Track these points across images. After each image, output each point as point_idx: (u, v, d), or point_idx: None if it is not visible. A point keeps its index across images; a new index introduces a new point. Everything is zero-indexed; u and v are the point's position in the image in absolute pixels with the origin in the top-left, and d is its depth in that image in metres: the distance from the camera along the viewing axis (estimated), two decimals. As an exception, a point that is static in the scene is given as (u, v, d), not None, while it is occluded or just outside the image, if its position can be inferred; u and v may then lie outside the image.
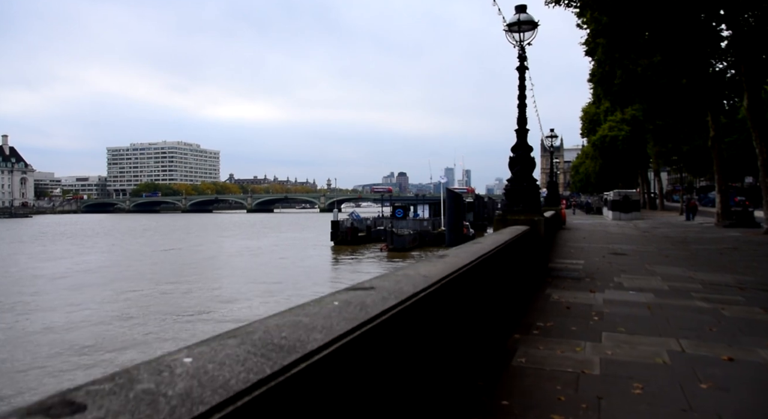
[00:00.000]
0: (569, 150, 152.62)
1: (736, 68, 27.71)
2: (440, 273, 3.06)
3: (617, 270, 10.25)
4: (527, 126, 9.75)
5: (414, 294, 2.30)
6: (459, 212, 40.69)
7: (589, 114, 65.21)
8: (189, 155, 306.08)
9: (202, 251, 43.81)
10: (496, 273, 5.17)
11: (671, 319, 5.82)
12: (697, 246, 16.79)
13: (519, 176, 9.48)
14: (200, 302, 21.28)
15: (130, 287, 25.12)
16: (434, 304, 2.67)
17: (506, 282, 5.76)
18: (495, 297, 5.03)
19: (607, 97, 35.13)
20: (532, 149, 9.71)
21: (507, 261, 5.89)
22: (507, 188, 9.60)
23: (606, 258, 12.54)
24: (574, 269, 10.33)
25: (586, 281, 8.86)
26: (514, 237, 6.69)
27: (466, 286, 3.73)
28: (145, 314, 19.00)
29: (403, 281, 2.51)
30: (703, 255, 13.82)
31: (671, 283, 8.68)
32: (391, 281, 2.47)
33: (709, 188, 73.90)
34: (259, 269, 31.63)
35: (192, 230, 78.16)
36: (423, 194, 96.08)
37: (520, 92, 9.71)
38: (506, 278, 5.76)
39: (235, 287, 24.73)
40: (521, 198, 9.39)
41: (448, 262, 3.64)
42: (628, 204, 38.84)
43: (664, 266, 11.02)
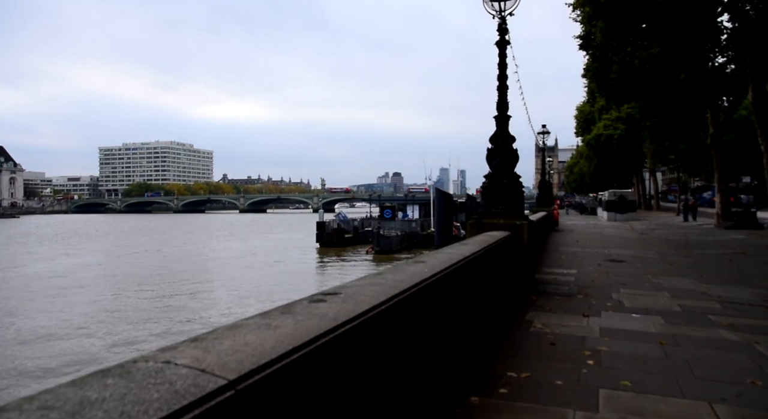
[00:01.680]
0: (564, 150, 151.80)
1: (739, 62, 26.30)
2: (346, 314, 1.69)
3: (616, 283, 8.68)
4: (509, 112, 8.17)
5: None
6: (449, 213, 39.02)
7: (583, 113, 64.00)
8: (182, 155, 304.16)
9: (182, 253, 42.09)
10: (451, 301, 3.61)
11: (694, 363, 4.23)
12: (701, 251, 15.27)
13: (498, 172, 7.90)
14: (156, 309, 19.73)
15: (96, 293, 23.63)
16: (343, 354, 1.65)
17: (468, 311, 4.19)
18: (448, 336, 3.48)
19: (602, 93, 33.71)
20: (514, 140, 8.13)
21: (471, 281, 4.32)
22: (484, 186, 8.02)
23: (602, 267, 10.98)
24: (564, 281, 8.75)
25: (579, 299, 7.28)
26: (486, 248, 5.12)
27: (398, 327, 2.33)
28: (92, 322, 17.40)
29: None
30: (711, 262, 12.28)
31: (682, 301, 7.12)
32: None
33: (704, 188, 72.80)
34: (236, 273, 29.97)
35: (178, 231, 76.33)
36: (413, 194, 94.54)
37: (500, 71, 8.12)
38: (468, 305, 4.19)
39: (204, 294, 23.10)
40: (501, 198, 7.82)
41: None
42: (624, 205, 37.40)
43: (669, 277, 9.45)
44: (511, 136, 8.13)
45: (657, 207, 54.78)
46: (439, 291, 3.19)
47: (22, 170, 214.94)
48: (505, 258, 6.55)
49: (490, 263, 5.31)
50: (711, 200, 56.38)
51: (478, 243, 5.22)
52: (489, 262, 5.26)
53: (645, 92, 29.91)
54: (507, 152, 7.97)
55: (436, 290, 3.08)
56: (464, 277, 3.95)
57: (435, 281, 3.07)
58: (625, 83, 29.05)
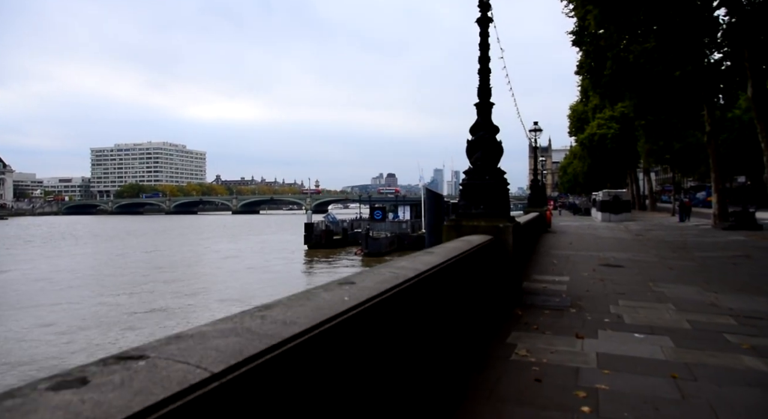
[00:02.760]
0: (557, 151, 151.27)
1: (736, 57, 25.45)
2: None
3: (613, 293, 7.70)
4: (492, 99, 7.17)
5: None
6: (439, 214, 38.05)
7: (577, 112, 63.24)
8: (175, 155, 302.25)
9: (166, 256, 40.90)
10: (393, 335, 2.62)
11: (721, 410, 3.24)
12: (701, 253, 14.34)
13: (479, 167, 6.90)
14: (129, 314, 18.67)
15: (69, 297, 22.55)
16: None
17: (424, 343, 3.20)
18: (393, 379, 2.50)
19: (596, 91, 32.78)
20: (497, 130, 7.14)
21: (427, 303, 3.33)
22: (463, 184, 7.02)
23: (597, 273, 10.01)
24: (555, 291, 7.77)
25: (571, 313, 6.29)
26: (455, 258, 4.13)
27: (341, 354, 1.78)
28: (52, 327, 16.32)
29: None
30: (714, 267, 11.33)
31: (691, 315, 6.14)
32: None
33: (698, 188, 72.26)
34: (219, 276, 28.89)
35: (168, 233, 75.00)
36: (404, 195, 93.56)
37: (481, 52, 7.12)
38: (423, 335, 3.20)
39: (181, 299, 22.00)
40: (482, 197, 6.82)
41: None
42: (619, 205, 36.56)
43: (672, 285, 8.48)
44: (494, 126, 7.14)
45: (652, 208, 54.05)
46: (371, 325, 2.20)
47: (11, 171, 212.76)
48: (484, 267, 5.56)
49: (461, 276, 4.32)
50: (705, 201, 55.81)
51: (446, 252, 4.22)
52: (460, 274, 4.27)
53: (640, 89, 29.05)
54: (489, 144, 6.97)
55: (362, 325, 2.08)
56: (416, 299, 2.96)
57: (360, 314, 2.07)
58: (620, 79, 28.17)
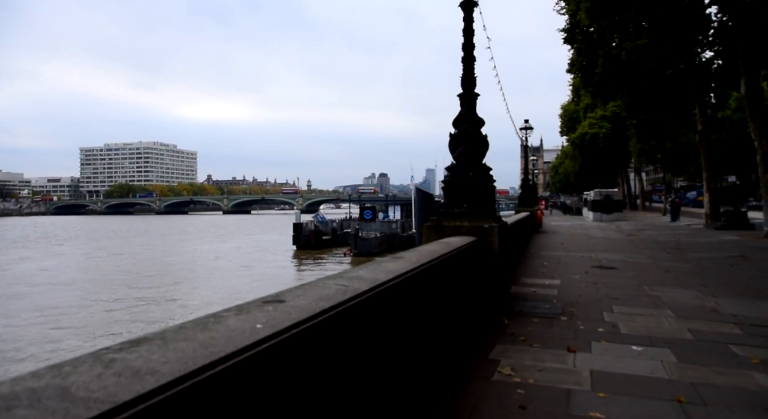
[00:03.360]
0: (549, 151, 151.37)
1: (728, 56, 25.16)
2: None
3: (607, 297, 7.19)
4: (476, 89, 6.64)
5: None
6: (429, 213, 37.58)
7: (568, 111, 63.07)
8: (165, 155, 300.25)
9: (148, 257, 40.12)
10: (360, 351, 2.09)
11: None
12: (696, 254, 13.91)
13: (463, 162, 6.37)
14: (99, 318, 18.01)
15: (35, 301, 21.82)
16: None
17: (395, 361, 2.67)
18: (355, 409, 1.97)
19: (587, 89, 32.36)
20: (483, 123, 6.61)
21: (401, 313, 2.81)
22: (445, 181, 6.49)
23: (590, 275, 9.51)
24: (545, 296, 7.25)
25: (562, 321, 5.77)
26: (428, 263, 3.59)
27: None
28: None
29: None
30: (711, 268, 10.88)
31: (692, 323, 5.63)
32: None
33: (688, 187, 72.34)
34: (201, 279, 28.23)
35: (155, 233, 74.04)
36: (394, 195, 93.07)
37: (465, 39, 6.58)
38: (395, 352, 2.67)
39: (158, 303, 21.35)
40: (466, 195, 6.28)
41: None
42: (610, 205, 36.21)
43: (669, 289, 8.00)
44: (479, 118, 6.60)
45: (643, 207, 53.88)
46: (292, 361, 1.66)
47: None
48: (466, 272, 5.03)
49: (436, 284, 3.78)
50: (695, 200, 55.76)
51: (418, 257, 3.68)
52: (434, 282, 3.73)
53: (632, 87, 28.71)
54: (474, 137, 6.44)
55: (276, 364, 1.54)
56: (370, 318, 2.42)
57: (275, 349, 1.52)
58: (612, 77, 27.79)
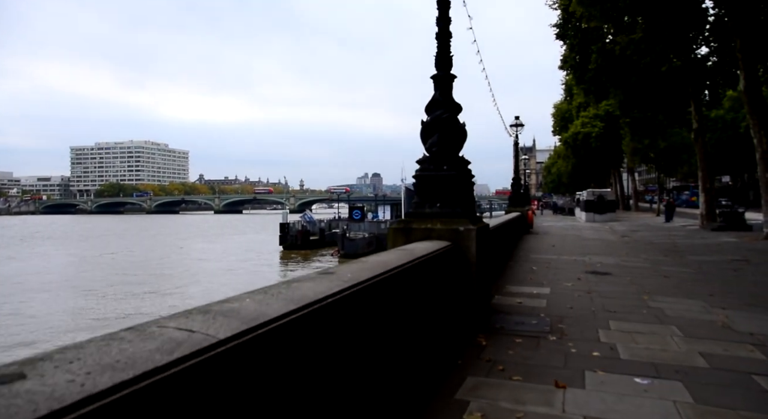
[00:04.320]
0: (542, 151, 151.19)
1: (723, 52, 24.47)
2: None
3: (602, 310, 6.30)
4: (453, 70, 5.73)
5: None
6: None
7: (561, 111, 62.49)
8: (157, 154, 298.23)
9: (133, 258, 39.00)
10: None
11: None
12: (695, 257, 13.08)
13: (436, 154, 5.45)
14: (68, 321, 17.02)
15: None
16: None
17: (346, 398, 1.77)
18: None
19: (580, 86, 31.63)
20: (460, 109, 5.71)
21: (324, 350, 1.91)
22: (416, 176, 5.57)
23: (583, 282, 8.63)
24: (532, 308, 6.35)
25: (550, 342, 4.86)
26: (373, 280, 2.69)
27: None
28: None
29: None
30: (713, 274, 10.03)
31: (704, 345, 4.74)
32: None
33: (682, 188, 71.89)
34: (183, 280, 27.20)
35: (144, 233, 72.79)
36: (384, 194, 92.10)
37: (440, 12, 5.65)
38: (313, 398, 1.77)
39: (136, 308, 20.35)
40: (439, 192, 5.38)
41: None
42: (603, 205, 35.46)
43: (671, 299, 7.12)
44: (455, 104, 5.69)
45: (636, 207, 53.27)
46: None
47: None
48: (432, 285, 4.11)
49: (383, 305, 2.87)
50: (689, 201, 55.23)
51: (359, 271, 2.77)
52: (381, 303, 2.83)
53: (625, 84, 27.95)
54: (449, 125, 5.52)
55: None
56: (251, 369, 1.51)
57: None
58: (605, 74, 27.04)
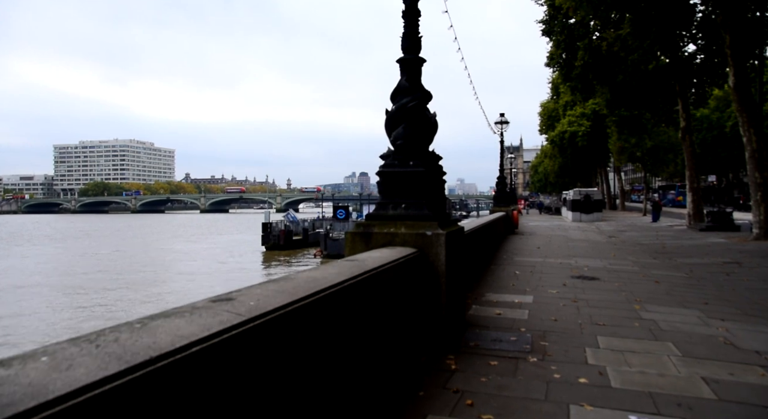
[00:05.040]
0: (529, 150, 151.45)
1: (713, 47, 24.09)
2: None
3: (590, 323, 5.66)
4: (422, 53, 5.06)
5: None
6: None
7: (547, 109, 62.22)
8: (142, 153, 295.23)
9: (107, 259, 37.93)
10: None
11: None
12: (685, 260, 12.55)
13: (402, 148, 4.77)
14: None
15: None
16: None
17: None
18: None
19: (566, 83, 31.16)
20: (429, 97, 5.04)
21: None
22: (380, 172, 4.88)
23: (569, 288, 8.00)
24: (511, 322, 5.68)
25: (530, 365, 4.21)
26: (288, 307, 2.00)
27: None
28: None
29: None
30: (706, 278, 9.45)
31: (706, 368, 4.11)
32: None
33: (667, 187, 72.04)
34: (159, 286, 26.31)
35: (126, 233, 71.43)
36: (369, 193, 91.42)
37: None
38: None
39: (103, 312, 19.48)
40: (405, 191, 4.70)
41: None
42: (590, 204, 35.02)
43: (665, 309, 6.50)
44: (425, 91, 5.01)
45: (623, 207, 53.09)
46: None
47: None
48: (387, 305, 3.43)
49: (310, 339, 2.19)
50: (675, 200, 55.19)
51: (271, 295, 2.09)
52: (304, 338, 2.14)
53: (612, 81, 27.50)
54: (416, 115, 4.84)
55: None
56: None
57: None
58: (592, 71, 26.56)
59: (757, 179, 18.14)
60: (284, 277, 2.53)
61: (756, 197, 18.19)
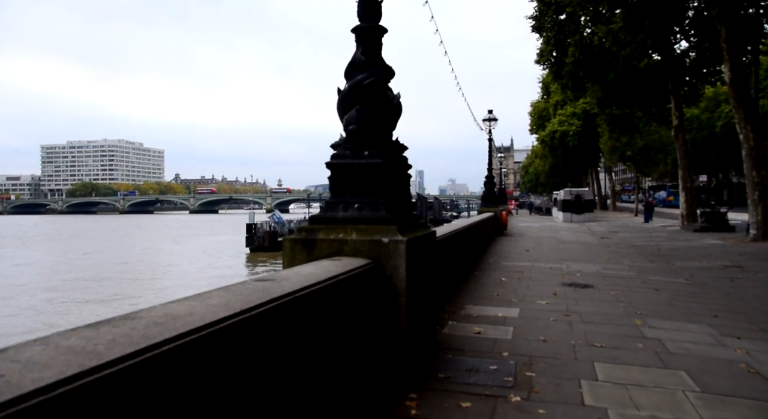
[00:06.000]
0: (519, 151, 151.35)
1: (706, 44, 23.43)
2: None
3: (585, 345, 4.78)
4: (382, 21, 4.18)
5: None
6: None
7: (538, 109, 61.69)
8: (131, 153, 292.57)
9: (86, 262, 36.74)
10: None
11: None
12: (683, 263, 11.75)
13: (356, 135, 3.88)
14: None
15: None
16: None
17: None
18: None
19: (557, 81, 30.40)
20: (391, 74, 4.16)
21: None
22: (329, 164, 3.98)
23: (560, 298, 7.13)
24: (492, 344, 4.79)
25: (512, 407, 3.31)
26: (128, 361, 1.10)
27: None
28: None
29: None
30: (709, 285, 8.63)
31: (735, 412, 3.25)
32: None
33: (657, 187, 71.76)
34: (136, 290, 25.27)
35: (112, 234, 70.02)
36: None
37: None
38: None
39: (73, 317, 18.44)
40: (359, 188, 3.81)
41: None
42: (581, 205, 34.32)
43: (671, 324, 5.65)
44: (385, 66, 4.11)
45: (614, 207, 52.56)
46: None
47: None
48: (321, 339, 2.53)
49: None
50: (666, 201, 54.74)
51: (77, 359, 1.20)
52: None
53: (603, 79, 26.79)
54: (374, 94, 3.94)
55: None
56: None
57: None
58: (583, 68, 25.80)
59: (755, 177, 17.43)
60: (121, 317, 1.62)
61: (753, 197, 17.46)
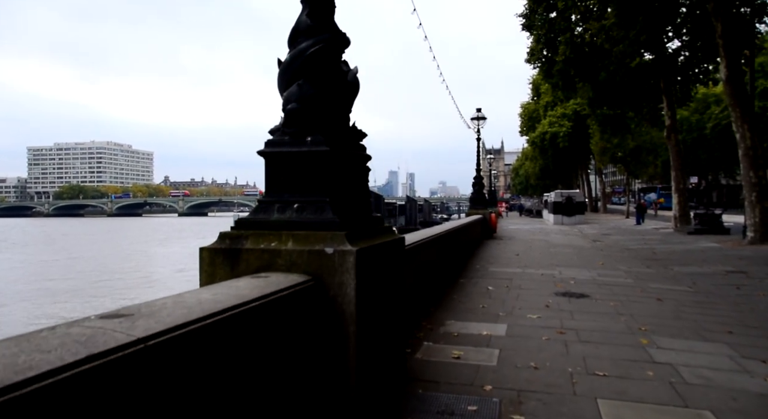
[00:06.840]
0: (510, 153, 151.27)
1: (698, 42, 22.86)
2: None
3: (584, 373, 3.99)
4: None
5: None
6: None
7: (528, 110, 61.22)
8: (120, 155, 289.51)
9: (64, 264, 35.59)
10: None
11: None
12: (682, 268, 11.03)
13: (297, 116, 3.07)
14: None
15: None
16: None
17: None
18: None
19: (548, 80, 29.77)
20: (346, 43, 3.36)
21: None
22: (263, 152, 3.16)
23: (552, 312, 6.33)
24: (473, 372, 3.98)
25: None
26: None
27: None
28: None
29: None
30: (714, 293, 7.88)
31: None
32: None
33: (647, 189, 71.53)
34: (114, 296, 24.24)
35: (94, 237, 68.62)
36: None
37: None
38: None
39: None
40: (299, 183, 3.01)
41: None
42: (572, 207, 33.70)
43: (680, 343, 4.88)
44: (338, 32, 3.31)
45: (604, 209, 52.07)
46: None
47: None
48: (222, 393, 1.70)
49: None
50: (656, 202, 54.41)
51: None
52: None
53: (594, 78, 26.15)
54: (321, 65, 3.14)
55: None
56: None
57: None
58: (574, 66, 25.15)
59: (752, 178, 16.80)
60: None
61: (751, 198, 16.83)
